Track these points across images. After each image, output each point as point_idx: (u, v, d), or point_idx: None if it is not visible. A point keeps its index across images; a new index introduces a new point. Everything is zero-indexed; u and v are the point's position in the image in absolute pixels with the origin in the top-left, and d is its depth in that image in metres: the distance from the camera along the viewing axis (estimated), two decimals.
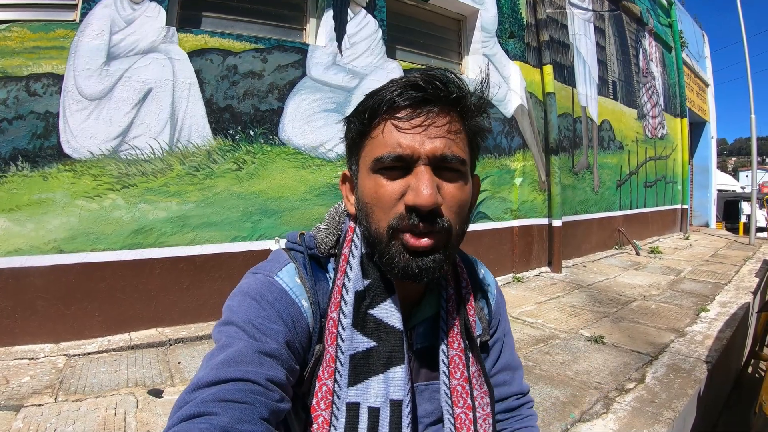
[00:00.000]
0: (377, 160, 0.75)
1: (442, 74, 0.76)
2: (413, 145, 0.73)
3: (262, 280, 0.82)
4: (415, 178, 0.73)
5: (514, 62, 6.71)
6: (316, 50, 4.69)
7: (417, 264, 0.75)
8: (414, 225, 0.73)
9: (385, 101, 0.74)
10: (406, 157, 0.73)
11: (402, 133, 0.74)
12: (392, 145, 0.74)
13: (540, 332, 4.13)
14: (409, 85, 0.74)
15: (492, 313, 1.04)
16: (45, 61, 3.38)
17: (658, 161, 11.17)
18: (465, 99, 0.77)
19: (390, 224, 0.75)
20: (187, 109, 3.93)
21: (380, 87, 0.77)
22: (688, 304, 5.14)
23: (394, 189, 0.75)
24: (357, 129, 0.80)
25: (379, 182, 0.76)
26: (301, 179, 4.56)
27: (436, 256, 0.76)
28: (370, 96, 0.78)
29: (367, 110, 0.77)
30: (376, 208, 0.77)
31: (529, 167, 6.78)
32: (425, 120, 0.74)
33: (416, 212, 0.73)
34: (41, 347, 3.33)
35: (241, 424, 0.61)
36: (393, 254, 0.76)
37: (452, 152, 0.75)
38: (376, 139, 0.77)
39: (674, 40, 12.04)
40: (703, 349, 3.71)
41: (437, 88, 0.74)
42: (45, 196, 3.39)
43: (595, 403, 2.82)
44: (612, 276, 6.67)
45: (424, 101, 0.74)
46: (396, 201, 0.75)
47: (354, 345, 0.80)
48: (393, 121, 0.75)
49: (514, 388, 1.07)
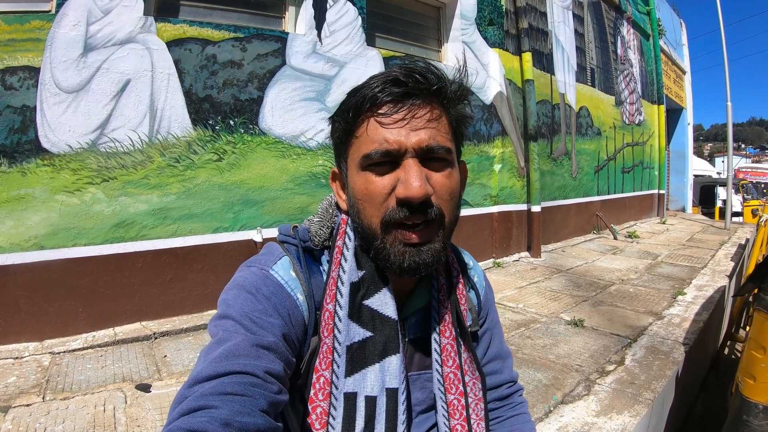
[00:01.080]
0: (365, 157, 0.76)
1: (421, 66, 0.77)
2: (399, 139, 0.74)
3: (257, 273, 0.83)
4: (404, 171, 0.75)
5: (494, 50, 6.73)
6: (295, 39, 4.65)
7: (413, 258, 0.77)
8: (407, 217, 0.75)
9: (367, 98, 0.76)
10: (393, 151, 0.75)
11: (386, 128, 0.75)
12: (378, 141, 0.75)
13: (521, 317, 4.20)
14: (389, 80, 0.75)
15: (481, 304, 1.06)
16: (21, 54, 3.29)
17: (636, 147, 11.34)
18: (445, 89, 0.79)
19: (383, 219, 0.77)
20: (166, 100, 3.88)
21: (362, 84, 0.79)
22: (666, 287, 5.26)
23: (384, 184, 0.76)
24: (342, 128, 0.81)
25: (368, 179, 0.77)
26: (281, 168, 4.54)
27: (432, 246, 0.78)
28: (352, 94, 0.79)
29: (350, 109, 0.78)
30: (368, 204, 0.78)
31: (508, 154, 6.84)
32: (408, 113, 0.75)
33: (407, 205, 0.75)
34: (25, 346, 3.29)
35: (241, 416, 0.62)
36: (388, 250, 0.78)
37: (437, 142, 0.76)
38: (361, 137, 0.78)
39: (652, 27, 12.17)
40: (681, 332, 3.82)
41: (417, 81, 0.75)
42: (24, 192, 3.32)
43: (576, 386, 2.89)
44: (590, 260, 6.78)
45: (406, 95, 0.75)
46: (387, 196, 0.76)
47: (350, 336, 0.82)
48: (376, 118, 0.76)
49: (505, 377, 1.10)
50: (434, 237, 0.78)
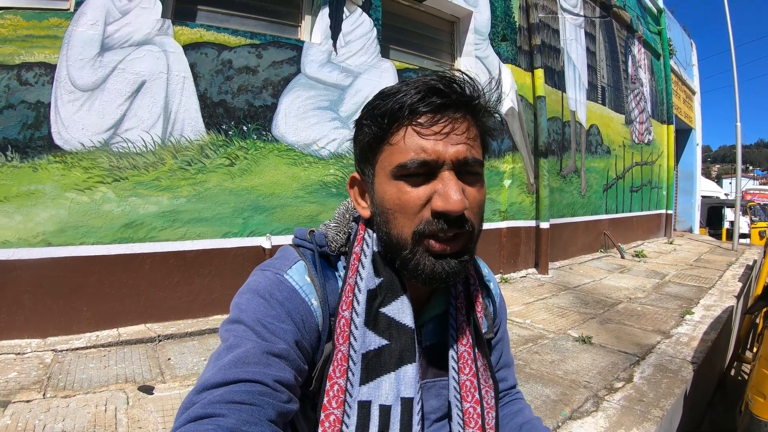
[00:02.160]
0: (401, 167, 0.75)
1: (460, 78, 0.76)
2: (438, 150, 0.73)
3: (271, 277, 0.81)
4: (442, 183, 0.73)
5: (506, 65, 6.75)
6: (311, 47, 4.68)
7: (444, 267, 0.76)
8: (442, 230, 0.74)
9: (406, 106, 0.73)
10: (431, 162, 0.73)
11: (425, 138, 0.73)
12: (416, 150, 0.73)
13: (529, 332, 4.16)
14: (429, 89, 0.73)
15: (496, 311, 1.05)
16: (38, 50, 3.33)
17: (644, 166, 11.31)
18: (481, 102, 0.78)
19: (416, 230, 0.75)
20: (180, 102, 3.90)
21: (395, 89, 0.76)
22: (673, 306, 5.21)
23: (419, 195, 0.75)
24: (373, 133, 0.78)
25: (402, 188, 0.76)
26: (293, 176, 4.54)
27: (464, 258, 0.78)
28: (384, 97, 0.77)
29: (385, 114, 0.75)
30: (400, 215, 0.77)
31: (518, 169, 6.83)
32: (447, 125, 0.74)
33: (444, 218, 0.73)
34: (28, 342, 3.27)
35: (248, 425, 0.61)
36: (418, 259, 0.76)
37: (473, 156, 0.75)
38: (396, 144, 0.76)
39: (663, 47, 12.20)
40: (689, 351, 3.76)
41: (458, 93, 0.74)
42: (34, 187, 3.33)
43: (585, 402, 2.85)
44: (598, 278, 6.73)
45: (444, 106, 0.74)
46: (421, 207, 0.75)
47: (366, 343, 0.80)
48: (415, 127, 0.74)
49: (510, 383, 1.11)
50: (464, 248, 0.78)
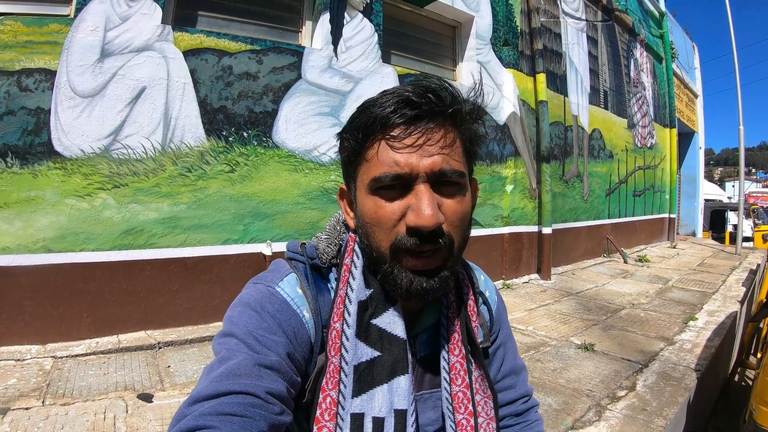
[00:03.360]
0: (375, 180, 0.73)
1: (435, 85, 0.74)
2: (411, 163, 0.71)
3: (263, 290, 0.81)
4: (415, 197, 0.72)
5: (508, 70, 6.74)
6: (311, 53, 4.67)
7: (421, 284, 0.75)
8: (416, 245, 0.72)
9: (378, 119, 0.72)
10: (404, 175, 0.72)
11: (398, 152, 0.72)
12: (389, 164, 0.72)
13: (531, 339, 4.13)
14: (402, 101, 0.71)
15: (493, 319, 1.03)
16: (38, 56, 3.33)
17: (647, 170, 11.28)
18: (460, 110, 0.76)
19: (392, 245, 0.74)
20: (180, 108, 3.90)
21: (371, 101, 0.75)
22: (677, 312, 5.17)
23: (393, 210, 0.74)
24: (351, 147, 0.78)
25: (378, 203, 0.75)
26: (293, 182, 4.53)
27: (441, 274, 0.76)
28: (361, 111, 0.76)
29: (360, 128, 0.75)
30: (377, 229, 0.76)
31: (520, 175, 6.81)
32: (421, 137, 0.72)
33: (418, 234, 0.72)
34: (28, 348, 3.27)
35: None
36: (396, 275, 0.76)
37: (450, 166, 0.73)
38: (371, 159, 0.74)
39: (665, 51, 12.18)
40: (692, 358, 3.74)
41: (431, 103, 0.72)
42: (34, 194, 3.33)
43: (587, 411, 2.82)
44: (601, 284, 6.70)
45: (419, 117, 0.72)
46: (396, 222, 0.74)
47: (358, 355, 0.79)
48: (388, 141, 0.72)
49: (519, 391, 1.07)
50: (443, 264, 0.76)
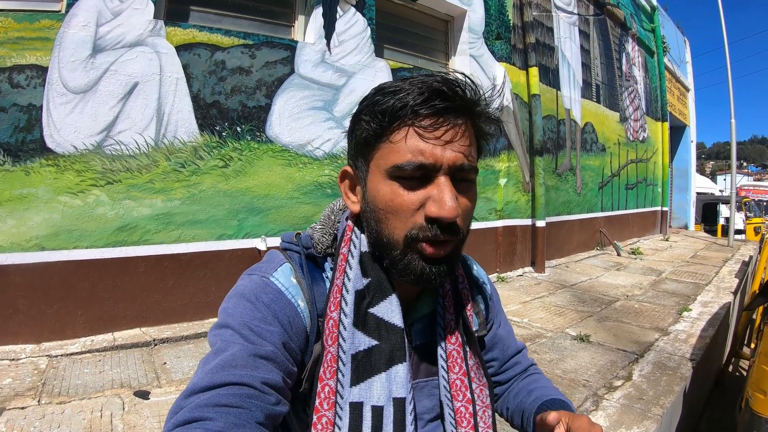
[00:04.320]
0: (397, 168, 0.73)
1: (463, 81, 0.75)
2: (435, 154, 0.72)
3: (257, 281, 0.81)
4: (437, 189, 0.73)
5: (501, 64, 6.74)
6: (304, 47, 4.65)
7: (433, 270, 0.76)
8: (435, 235, 0.73)
9: (408, 106, 0.72)
10: (428, 166, 0.72)
11: (426, 141, 0.72)
12: (413, 152, 0.72)
13: (526, 331, 4.15)
14: (433, 91, 0.72)
15: (488, 308, 1.05)
16: (29, 52, 3.29)
17: (639, 164, 11.35)
18: (483, 109, 0.77)
19: (408, 234, 0.75)
20: (173, 104, 3.87)
21: (397, 86, 0.75)
22: (671, 303, 5.21)
23: (413, 200, 0.74)
24: (373, 129, 0.77)
25: (396, 191, 0.75)
26: (287, 177, 4.52)
27: (451, 261, 0.78)
28: (385, 94, 0.75)
29: (386, 112, 0.74)
30: (392, 216, 0.76)
31: (513, 168, 6.82)
32: (449, 130, 0.73)
33: (438, 223, 0.73)
34: (22, 347, 3.24)
35: (236, 428, 0.61)
36: (408, 260, 0.76)
37: (469, 163, 0.75)
38: (395, 143, 0.74)
39: (657, 45, 12.24)
40: (687, 348, 3.77)
41: (461, 98, 0.74)
42: (27, 191, 3.30)
43: (584, 401, 2.84)
44: (594, 276, 6.74)
45: (446, 109, 0.73)
46: (414, 211, 0.74)
47: (356, 344, 0.79)
48: (416, 129, 0.73)
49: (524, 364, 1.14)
50: (453, 252, 0.78)
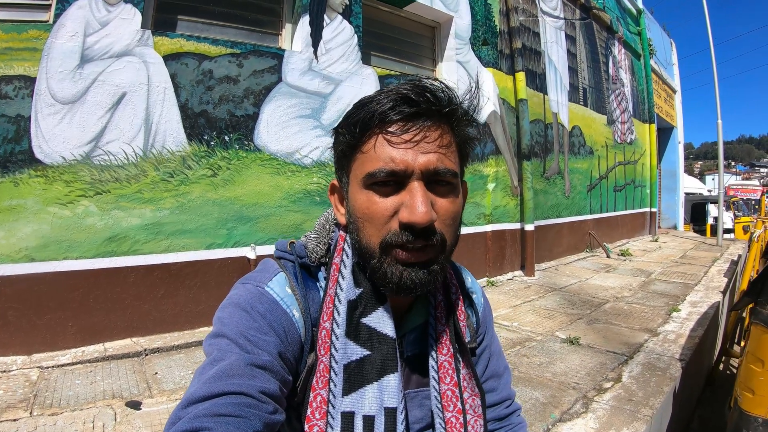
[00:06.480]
0: (369, 175, 0.74)
1: (432, 85, 0.75)
2: (406, 160, 0.72)
3: (252, 290, 0.81)
4: (409, 194, 0.73)
5: (488, 69, 6.80)
6: (292, 56, 4.68)
7: (411, 277, 0.75)
8: (408, 241, 0.73)
9: (376, 115, 0.73)
10: (399, 172, 0.73)
11: (394, 147, 0.73)
12: (384, 159, 0.73)
13: (516, 335, 4.17)
14: (400, 98, 0.72)
15: (479, 321, 1.04)
16: (17, 63, 3.29)
17: (627, 166, 11.44)
18: (457, 111, 0.77)
19: (383, 240, 0.75)
20: (161, 113, 3.88)
21: (369, 98, 0.76)
22: (660, 304, 5.26)
23: (386, 206, 0.74)
24: (347, 141, 0.78)
25: (371, 198, 0.75)
26: (276, 185, 4.53)
27: (432, 268, 0.77)
28: (359, 107, 0.76)
29: (357, 123, 0.75)
30: (368, 224, 0.76)
31: (501, 173, 6.87)
32: (417, 134, 0.73)
33: (410, 229, 0.73)
34: (13, 359, 3.22)
35: None
36: (386, 268, 0.76)
37: (445, 166, 0.74)
38: (367, 153, 0.75)
39: (643, 47, 12.37)
40: (677, 348, 3.80)
41: (429, 102, 0.73)
42: (16, 202, 3.29)
43: (574, 403, 2.86)
44: (584, 278, 6.78)
45: (416, 115, 0.73)
46: (389, 218, 0.74)
47: (348, 354, 0.79)
48: (385, 135, 0.73)
49: (501, 394, 1.07)
50: (433, 258, 0.77)
